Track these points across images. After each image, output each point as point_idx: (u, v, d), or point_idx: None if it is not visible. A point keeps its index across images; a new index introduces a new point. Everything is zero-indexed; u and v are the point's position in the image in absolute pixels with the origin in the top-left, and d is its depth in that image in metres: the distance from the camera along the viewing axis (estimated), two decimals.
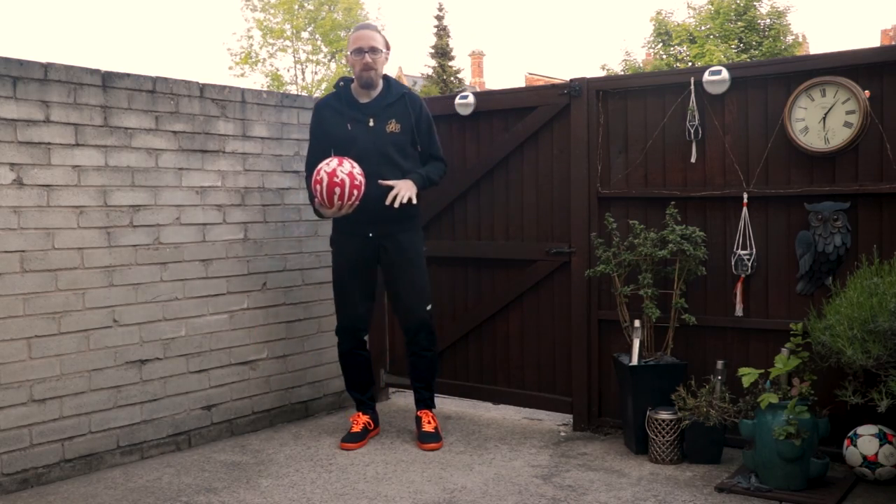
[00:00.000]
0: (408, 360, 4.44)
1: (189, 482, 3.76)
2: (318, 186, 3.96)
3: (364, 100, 4.22)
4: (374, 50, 4.13)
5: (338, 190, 3.92)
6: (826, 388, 3.62)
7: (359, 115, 4.18)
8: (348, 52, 4.23)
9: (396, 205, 4.04)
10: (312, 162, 4.21)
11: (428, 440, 4.24)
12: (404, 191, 4.06)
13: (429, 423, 4.33)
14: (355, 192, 3.96)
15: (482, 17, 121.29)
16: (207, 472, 3.90)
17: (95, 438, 3.92)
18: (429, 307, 4.32)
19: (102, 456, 3.95)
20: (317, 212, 4.25)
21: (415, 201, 4.13)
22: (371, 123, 4.15)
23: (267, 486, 3.70)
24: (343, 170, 3.94)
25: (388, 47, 4.25)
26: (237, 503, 3.49)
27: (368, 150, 4.12)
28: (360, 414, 4.41)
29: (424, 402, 4.42)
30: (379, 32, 4.27)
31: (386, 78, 4.28)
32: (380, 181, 4.08)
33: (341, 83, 4.29)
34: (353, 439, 4.27)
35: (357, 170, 3.99)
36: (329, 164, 3.96)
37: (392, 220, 4.15)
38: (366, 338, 4.53)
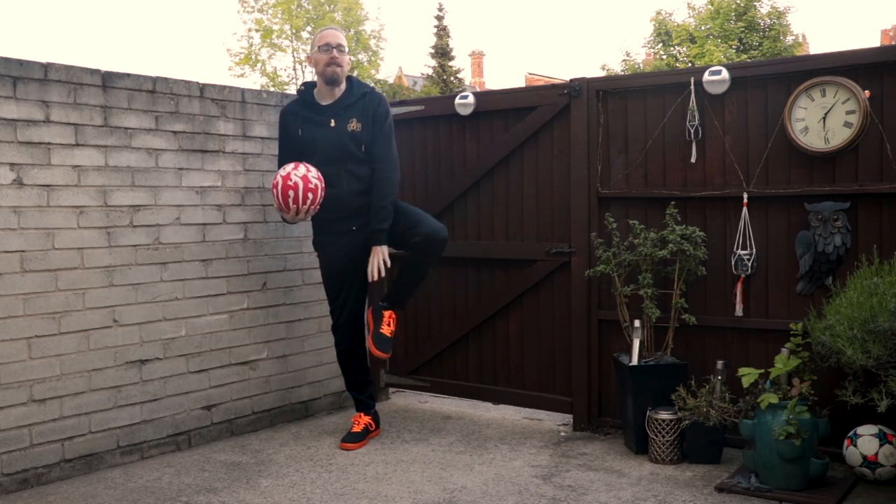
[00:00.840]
0: (409, 261, 4.36)
1: (189, 482, 3.76)
2: (274, 190, 4.01)
3: (327, 101, 4.24)
4: (340, 47, 4.19)
5: (291, 193, 3.95)
6: (826, 388, 3.62)
7: (321, 117, 4.21)
8: (314, 50, 4.24)
9: (377, 278, 4.10)
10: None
11: (382, 346, 4.31)
12: (376, 261, 4.09)
13: (388, 324, 4.37)
14: (310, 195, 3.98)
15: (482, 17, 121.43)
16: (207, 472, 3.90)
17: (95, 438, 3.92)
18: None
19: (102, 456, 3.95)
20: (283, 218, 4.24)
21: (388, 263, 4.11)
22: (332, 124, 4.18)
23: (267, 486, 3.70)
24: (297, 173, 3.98)
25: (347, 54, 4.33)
26: (237, 503, 3.49)
27: (332, 150, 4.16)
28: (362, 415, 4.41)
29: (402, 303, 4.48)
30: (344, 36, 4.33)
31: (349, 79, 4.30)
32: None
33: (302, 87, 4.32)
34: (354, 439, 4.28)
35: (313, 173, 4.02)
36: (284, 169, 4.02)
37: (369, 209, 4.17)
38: (365, 333, 4.53)
